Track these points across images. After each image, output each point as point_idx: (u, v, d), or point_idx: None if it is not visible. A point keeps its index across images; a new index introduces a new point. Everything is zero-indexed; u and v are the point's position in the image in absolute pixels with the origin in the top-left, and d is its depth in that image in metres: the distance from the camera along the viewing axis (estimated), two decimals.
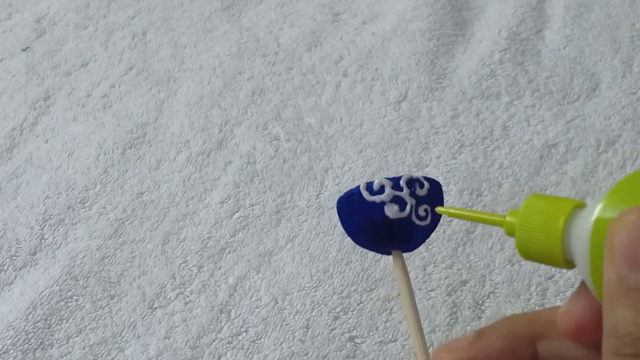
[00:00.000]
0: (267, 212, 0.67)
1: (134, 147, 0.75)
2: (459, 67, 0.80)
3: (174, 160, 0.73)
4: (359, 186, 0.32)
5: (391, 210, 0.31)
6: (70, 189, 0.71)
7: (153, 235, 0.66)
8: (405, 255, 0.33)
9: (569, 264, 0.23)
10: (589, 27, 0.83)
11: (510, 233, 0.25)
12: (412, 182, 0.32)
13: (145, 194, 0.70)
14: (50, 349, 0.59)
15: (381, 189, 0.31)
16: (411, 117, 0.75)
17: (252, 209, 0.67)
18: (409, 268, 0.61)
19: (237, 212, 0.67)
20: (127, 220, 0.68)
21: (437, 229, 0.65)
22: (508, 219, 0.25)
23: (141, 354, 0.58)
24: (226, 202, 0.68)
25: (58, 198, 0.70)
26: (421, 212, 0.32)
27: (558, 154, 0.70)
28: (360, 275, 0.61)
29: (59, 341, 0.59)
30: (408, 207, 0.31)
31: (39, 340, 0.59)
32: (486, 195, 0.67)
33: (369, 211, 0.31)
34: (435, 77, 0.79)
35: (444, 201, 0.33)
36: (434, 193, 0.33)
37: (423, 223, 0.32)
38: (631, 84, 0.76)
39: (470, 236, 0.63)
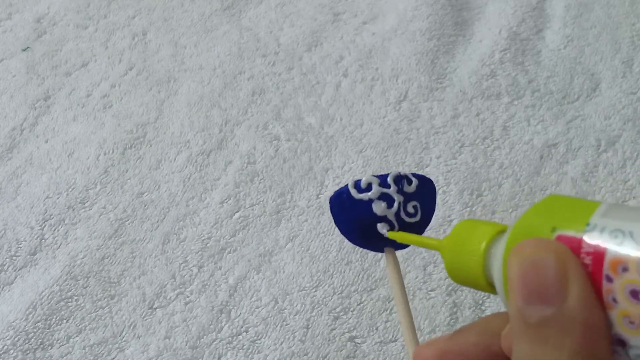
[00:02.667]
0: (267, 212, 0.67)
1: (134, 147, 0.75)
2: (459, 67, 0.80)
3: (174, 160, 0.73)
4: (347, 185, 0.31)
5: (379, 208, 0.31)
6: (70, 189, 0.71)
7: (153, 235, 0.66)
8: (405, 255, 0.33)
9: (493, 289, 0.23)
10: (589, 27, 0.83)
11: (442, 255, 0.25)
12: (399, 179, 0.31)
13: (146, 194, 0.70)
14: (51, 349, 0.59)
15: (368, 187, 0.31)
16: (411, 117, 0.75)
17: (252, 209, 0.67)
18: (408, 268, 0.61)
19: (237, 212, 0.67)
20: (127, 220, 0.68)
21: (437, 229, 0.66)
22: (444, 243, 0.25)
23: (141, 354, 0.58)
24: (226, 202, 0.68)
25: (58, 198, 0.70)
26: (410, 209, 0.31)
27: (558, 154, 0.70)
28: (361, 275, 0.61)
29: (59, 341, 0.59)
30: (396, 205, 0.31)
31: (39, 340, 0.59)
32: (486, 195, 0.67)
33: (358, 209, 0.31)
34: (435, 77, 0.79)
35: (436, 197, 0.33)
36: (424, 190, 0.32)
37: (412, 220, 0.32)
38: (631, 83, 0.76)
39: None
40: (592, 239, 0.19)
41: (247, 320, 0.59)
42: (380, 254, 0.63)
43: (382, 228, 0.31)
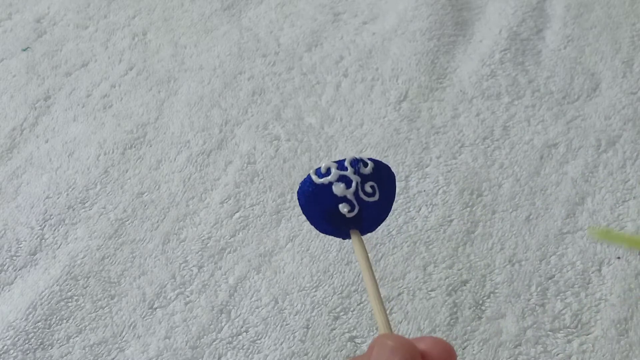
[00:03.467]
0: (268, 212, 0.67)
1: (134, 147, 0.75)
2: (459, 67, 0.80)
3: (174, 160, 0.73)
4: (309, 173, 0.34)
5: (338, 189, 0.34)
6: (70, 189, 0.71)
7: (153, 235, 0.66)
8: (405, 255, 0.33)
9: None
10: (590, 27, 0.83)
11: None
12: (355, 162, 0.34)
13: (146, 194, 0.70)
14: (51, 349, 0.59)
15: (327, 171, 0.34)
16: (411, 117, 0.75)
17: (253, 209, 0.67)
18: (409, 268, 0.61)
19: (237, 212, 0.67)
20: (128, 220, 0.68)
21: (437, 229, 0.66)
22: None
23: (141, 354, 0.58)
24: (226, 202, 0.68)
25: (58, 198, 0.70)
26: (368, 189, 0.34)
27: (558, 154, 0.70)
28: (361, 275, 0.61)
29: (59, 341, 0.59)
30: (353, 185, 0.34)
31: (39, 340, 0.59)
32: (486, 195, 0.67)
33: (320, 194, 0.34)
34: (435, 77, 0.79)
35: (395, 180, 0.36)
36: (380, 173, 0.35)
37: (372, 199, 0.34)
38: (632, 83, 0.76)
39: (471, 236, 0.63)
40: None
41: (247, 320, 0.59)
42: (380, 254, 0.63)
43: (343, 208, 0.34)
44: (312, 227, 0.35)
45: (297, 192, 0.35)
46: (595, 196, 0.66)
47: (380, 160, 0.35)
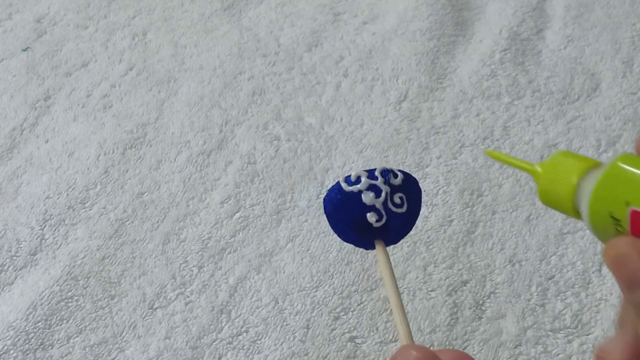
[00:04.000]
0: (268, 212, 0.67)
1: (135, 147, 0.75)
2: (459, 67, 0.80)
3: (175, 160, 0.73)
4: (338, 181, 0.35)
5: (367, 197, 0.34)
6: (70, 189, 0.71)
7: (153, 235, 0.66)
8: (405, 255, 0.34)
9: (579, 215, 0.26)
10: (590, 27, 0.83)
11: (537, 180, 0.28)
12: (386, 172, 0.35)
13: (146, 194, 0.70)
14: (51, 349, 0.59)
15: (358, 180, 0.34)
16: (412, 117, 0.75)
17: (253, 209, 0.67)
18: (409, 268, 0.61)
19: (237, 212, 0.67)
20: (128, 220, 0.68)
21: (437, 229, 0.66)
22: (537, 168, 0.28)
23: (141, 354, 0.58)
24: (226, 202, 0.68)
25: (58, 198, 0.70)
26: (396, 200, 0.34)
27: None
28: (361, 276, 0.61)
29: (59, 341, 0.59)
30: (383, 194, 0.34)
31: (40, 341, 0.59)
32: (486, 195, 0.67)
33: (349, 201, 0.34)
34: (435, 77, 0.79)
35: (421, 194, 0.36)
36: (409, 184, 0.35)
37: (400, 210, 0.34)
38: (632, 84, 0.76)
39: (471, 236, 0.63)
40: None
41: (248, 320, 0.59)
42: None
43: (371, 217, 0.34)
44: (313, 227, 0.35)
45: (324, 199, 0.35)
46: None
47: (409, 173, 0.35)
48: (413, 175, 0.36)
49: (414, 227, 0.36)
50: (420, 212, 0.66)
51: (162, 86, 0.81)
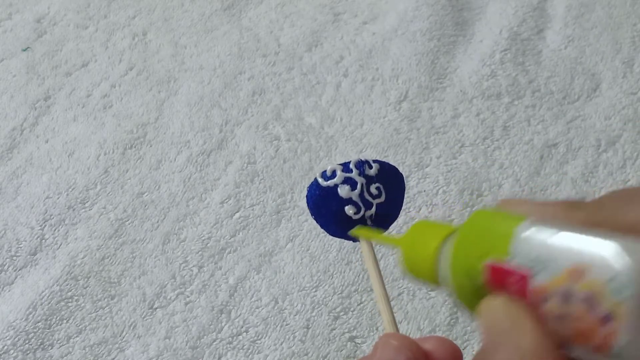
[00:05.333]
0: (268, 212, 0.67)
1: (135, 147, 0.75)
2: (459, 67, 0.80)
3: (175, 160, 0.73)
4: (316, 177, 0.35)
5: (343, 191, 0.34)
6: (70, 189, 0.71)
7: (153, 235, 0.66)
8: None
9: (442, 286, 0.25)
10: (590, 27, 0.83)
11: (401, 252, 0.27)
12: (360, 164, 0.35)
13: (146, 194, 0.70)
14: (51, 349, 0.59)
15: (333, 174, 0.34)
16: (412, 117, 0.75)
17: (253, 209, 0.67)
18: None
19: (237, 212, 0.67)
20: (128, 220, 0.68)
21: None
22: (402, 241, 0.27)
23: (141, 354, 0.58)
24: (226, 202, 0.68)
25: (58, 198, 0.70)
26: (373, 190, 0.35)
27: (558, 154, 0.70)
28: (361, 275, 0.61)
29: (59, 341, 0.59)
30: (358, 186, 0.34)
31: (40, 341, 0.59)
32: (486, 195, 0.67)
33: (327, 196, 0.34)
34: (435, 77, 0.79)
35: (403, 182, 0.36)
36: (386, 174, 0.35)
37: (377, 200, 0.35)
38: (632, 84, 0.76)
39: None
40: (514, 269, 0.21)
41: (247, 320, 0.59)
42: (380, 254, 0.63)
43: (349, 210, 0.34)
44: (313, 227, 0.35)
45: (306, 196, 0.35)
46: (595, 196, 0.66)
47: (386, 161, 0.35)
48: (393, 165, 0.36)
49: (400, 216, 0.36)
50: (419, 211, 0.67)
51: (162, 86, 0.82)
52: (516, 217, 0.22)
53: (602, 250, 0.19)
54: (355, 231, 0.33)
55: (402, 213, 0.36)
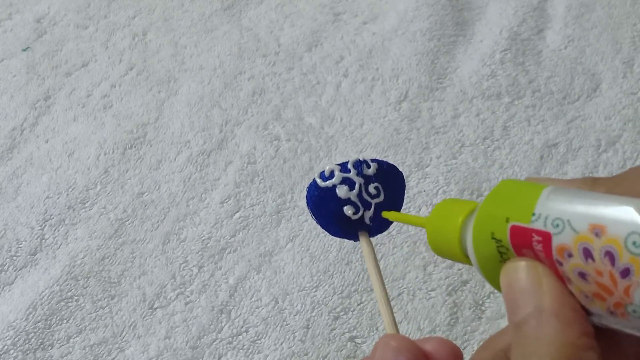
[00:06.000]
0: (268, 212, 0.67)
1: (135, 147, 0.75)
2: (459, 67, 0.80)
3: (175, 160, 0.73)
4: (314, 177, 0.35)
5: (342, 191, 0.34)
6: (70, 189, 0.71)
7: (153, 235, 0.66)
8: (405, 255, 0.33)
9: (470, 261, 0.26)
10: (590, 27, 0.83)
11: (427, 231, 0.28)
12: (358, 164, 0.34)
13: (146, 194, 0.70)
14: (51, 349, 0.59)
15: (331, 174, 0.34)
16: (412, 117, 0.75)
17: (253, 209, 0.67)
18: (409, 268, 0.61)
19: (237, 212, 0.67)
20: (128, 220, 0.68)
21: None
22: (427, 220, 0.28)
23: (141, 354, 0.58)
24: (226, 202, 0.68)
25: (58, 198, 0.70)
26: (371, 190, 0.34)
27: (558, 154, 0.70)
28: (361, 275, 0.61)
29: (59, 341, 0.59)
30: (357, 186, 0.34)
31: (40, 341, 0.59)
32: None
33: (326, 197, 0.34)
34: (435, 77, 0.79)
35: (403, 181, 0.36)
36: (385, 173, 0.35)
37: (376, 200, 0.34)
38: (632, 84, 0.76)
39: None
40: (539, 228, 0.22)
41: (247, 320, 0.59)
42: (379, 254, 0.63)
43: (347, 210, 0.34)
44: (313, 227, 0.35)
45: (305, 197, 0.35)
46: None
47: (385, 160, 0.35)
48: (393, 163, 0.36)
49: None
50: (419, 211, 0.67)
51: (162, 86, 0.82)
52: (540, 185, 0.23)
53: (620, 208, 0.20)
54: (386, 214, 0.33)
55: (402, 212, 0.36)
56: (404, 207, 0.36)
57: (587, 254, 0.21)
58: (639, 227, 0.20)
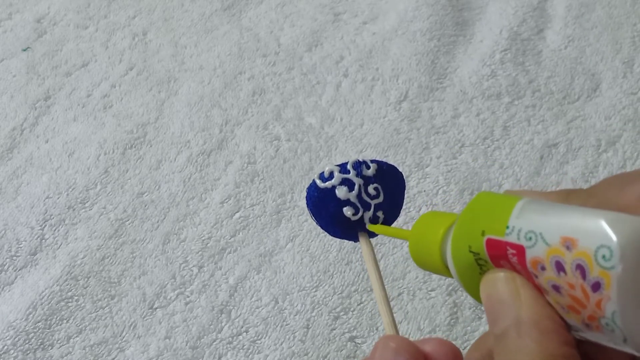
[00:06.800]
0: (268, 212, 0.67)
1: (135, 147, 0.75)
2: (459, 67, 0.80)
3: (175, 160, 0.73)
4: (314, 178, 0.34)
5: (341, 192, 0.34)
6: (70, 189, 0.71)
7: (153, 235, 0.66)
8: (405, 255, 0.33)
9: (447, 270, 0.26)
10: (590, 27, 0.83)
11: (409, 243, 0.28)
12: (358, 165, 0.34)
13: (146, 194, 0.70)
14: (51, 349, 0.59)
15: (331, 175, 0.34)
16: (412, 117, 0.75)
17: (253, 209, 0.67)
18: (409, 268, 0.61)
19: (237, 212, 0.67)
20: (128, 220, 0.68)
21: None
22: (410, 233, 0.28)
23: (141, 354, 0.58)
24: (226, 202, 0.68)
25: (58, 198, 0.70)
26: (371, 191, 0.34)
27: (558, 154, 0.70)
28: (361, 275, 0.61)
29: (59, 341, 0.59)
30: (356, 187, 0.34)
31: (40, 341, 0.59)
32: None
33: (325, 198, 0.34)
34: (435, 77, 0.79)
35: (403, 181, 0.36)
36: (384, 173, 0.35)
37: (376, 201, 0.34)
38: (632, 84, 0.76)
39: None
40: (512, 242, 0.22)
41: (248, 320, 0.59)
42: (379, 254, 0.63)
43: (347, 211, 0.34)
44: (313, 227, 0.35)
45: (305, 198, 0.35)
46: None
47: (385, 161, 0.35)
48: (392, 164, 0.36)
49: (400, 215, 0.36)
50: (419, 211, 0.66)
51: (162, 86, 0.82)
52: (514, 197, 0.23)
53: (590, 221, 0.20)
54: (372, 227, 0.33)
55: (402, 213, 0.36)
56: (404, 207, 0.36)
57: (559, 267, 0.20)
58: (609, 240, 0.19)
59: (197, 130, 0.76)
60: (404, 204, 0.36)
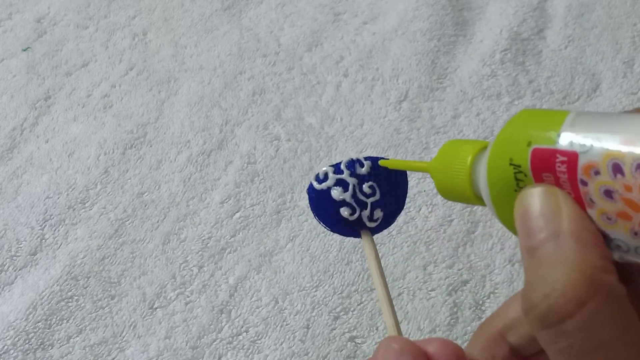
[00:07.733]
0: (268, 212, 0.67)
1: (135, 147, 0.75)
2: (459, 67, 0.80)
3: (175, 160, 0.73)
4: (311, 180, 0.34)
5: (336, 193, 0.34)
6: (70, 189, 0.71)
7: (153, 235, 0.66)
8: (405, 255, 0.33)
9: (481, 201, 0.25)
10: (590, 27, 0.83)
11: (432, 175, 0.27)
12: (351, 164, 0.34)
13: (146, 194, 0.70)
14: (51, 349, 0.59)
15: (325, 177, 0.34)
16: (412, 117, 0.75)
17: (253, 209, 0.67)
18: (409, 268, 0.61)
19: (237, 212, 0.67)
20: (128, 220, 0.68)
21: (437, 229, 0.66)
22: (432, 164, 0.27)
23: (141, 354, 0.58)
24: (226, 202, 0.68)
25: (58, 198, 0.70)
26: (366, 189, 0.34)
27: None
28: (361, 275, 0.61)
29: (59, 341, 0.59)
30: (350, 187, 0.34)
31: (40, 341, 0.59)
32: None
33: (322, 200, 0.34)
34: (436, 77, 0.79)
35: (404, 176, 0.35)
36: (379, 171, 0.34)
37: (372, 199, 0.34)
38: (632, 84, 0.76)
39: (471, 236, 0.63)
40: (564, 149, 0.21)
41: (248, 320, 0.59)
42: (379, 254, 0.63)
43: (344, 212, 0.34)
44: (313, 227, 0.35)
45: (309, 199, 0.35)
46: None
47: (379, 157, 0.35)
48: (389, 159, 0.35)
49: (403, 212, 0.35)
50: (419, 211, 0.67)
51: (162, 86, 0.82)
52: (563, 111, 0.22)
53: None
54: (384, 162, 0.33)
55: (402, 213, 0.36)
56: (404, 207, 0.36)
57: (617, 169, 0.20)
58: None
59: (197, 130, 0.76)
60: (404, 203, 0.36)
